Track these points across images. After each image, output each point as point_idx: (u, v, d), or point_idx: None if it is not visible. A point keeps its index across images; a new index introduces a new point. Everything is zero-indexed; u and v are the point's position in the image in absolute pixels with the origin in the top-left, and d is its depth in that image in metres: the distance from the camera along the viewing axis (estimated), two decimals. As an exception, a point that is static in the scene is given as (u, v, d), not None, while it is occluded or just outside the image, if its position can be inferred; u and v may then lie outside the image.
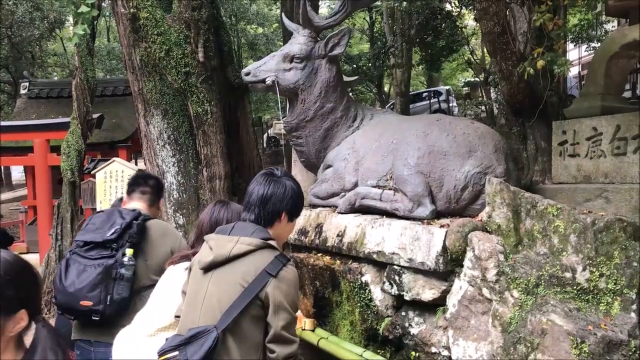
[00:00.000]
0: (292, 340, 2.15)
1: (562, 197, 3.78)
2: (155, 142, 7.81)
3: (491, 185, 3.27)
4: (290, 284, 2.20)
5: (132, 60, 7.75)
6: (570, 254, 2.97)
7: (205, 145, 7.58)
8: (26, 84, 12.87)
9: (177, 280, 2.55)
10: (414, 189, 3.69)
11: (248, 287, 2.16)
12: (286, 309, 2.15)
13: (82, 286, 2.83)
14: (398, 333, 3.62)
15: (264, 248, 2.23)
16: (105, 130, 11.41)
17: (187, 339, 2.12)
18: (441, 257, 3.30)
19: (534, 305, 2.93)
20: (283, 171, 2.49)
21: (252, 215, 2.35)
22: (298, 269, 4.41)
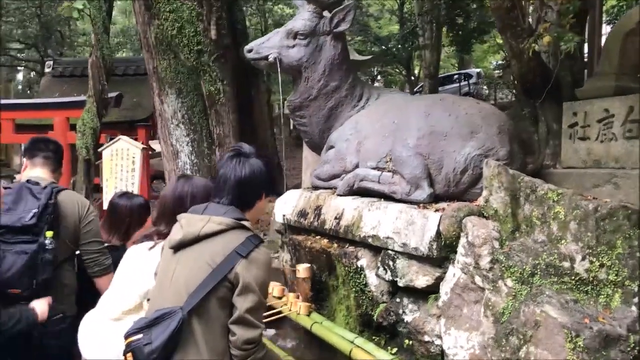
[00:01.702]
0: (256, 324, 2.06)
1: (570, 183, 3.58)
2: (170, 121, 7.78)
3: (489, 168, 3.10)
4: (261, 266, 2.10)
5: (147, 39, 7.71)
6: (570, 242, 2.79)
7: (218, 125, 7.53)
8: (50, 63, 13.00)
9: (139, 260, 2.48)
10: (412, 171, 3.54)
11: (216, 267, 2.07)
12: (254, 291, 2.06)
13: (9, 276, 2.72)
14: (392, 320, 3.50)
15: (235, 228, 2.15)
16: (126, 109, 11.44)
17: (151, 321, 2.06)
18: (435, 243, 3.15)
19: (529, 295, 2.77)
20: (249, 148, 2.38)
21: (226, 200, 2.24)
22: (296, 251, 4.33)
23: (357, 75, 4.78)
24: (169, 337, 2.00)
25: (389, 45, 20.48)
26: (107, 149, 6.38)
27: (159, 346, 1.99)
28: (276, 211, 4.74)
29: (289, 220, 4.49)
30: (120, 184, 6.01)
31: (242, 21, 8.43)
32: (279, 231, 4.86)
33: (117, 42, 21.92)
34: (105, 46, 8.15)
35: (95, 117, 8.03)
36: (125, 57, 16.63)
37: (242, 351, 2.03)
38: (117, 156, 6.21)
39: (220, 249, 2.10)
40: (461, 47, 18.08)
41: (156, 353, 2.00)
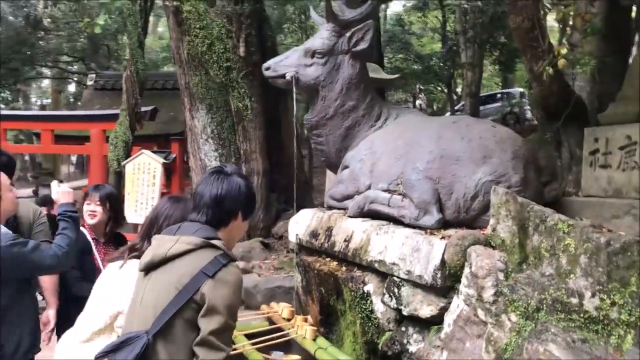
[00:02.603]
0: (220, 347, 1.94)
1: (589, 212, 3.39)
2: (199, 135, 7.86)
3: (496, 195, 2.96)
4: (228, 287, 2.00)
5: (180, 54, 7.83)
6: (579, 277, 2.62)
7: (245, 141, 7.56)
8: (93, 76, 13.38)
9: (110, 280, 2.46)
10: (420, 195, 3.42)
11: (183, 289, 2.00)
12: (219, 313, 1.95)
13: None
14: (397, 350, 3.36)
15: (204, 247, 2.07)
16: (163, 122, 11.65)
17: (117, 345, 2.01)
18: (439, 272, 3.02)
19: (533, 332, 2.61)
20: (233, 168, 2.33)
21: (203, 217, 2.18)
22: (306, 272, 4.25)
23: (376, 95, 4.70)
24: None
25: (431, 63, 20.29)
26: (129, 162, 6.46)
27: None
28: (290, 231, 4.68)
29: (301, 240, 4.43)
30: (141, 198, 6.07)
31: (271, 38, 8.47)
32: (293, 250, 4.80)
33: (163, 56, 22.45)
34: (140, 61, 8.32)
35: (128, 130, 8.18)
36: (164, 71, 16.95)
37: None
38: (139, 170, 6.28)
39: (189, 270, 2.03)
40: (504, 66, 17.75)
41: None
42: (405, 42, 20.91)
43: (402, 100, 26.16)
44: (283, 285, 5.62)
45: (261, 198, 7.56)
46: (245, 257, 7.06)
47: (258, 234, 7.58)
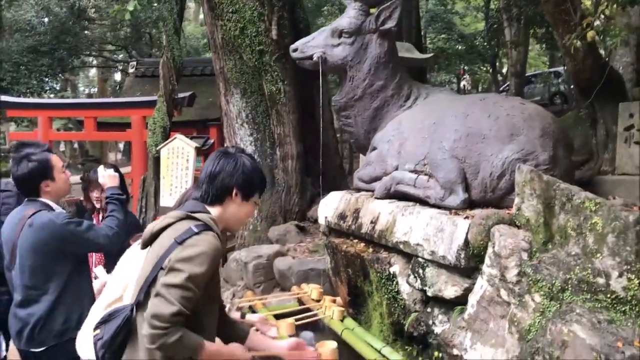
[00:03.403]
0: (170, 301, 1.91)
1: (622, 191, 3.27)
2: (234, 120, 7.91)
3: (521, 174, 2.88)
4: (193, 252, 1.99)
5: (214, 39, 7.87)
6: (606, 256, 2.54)
7: (279, 125, 7.56)
8: (134, 63, 13.61)
9: (129, 257, 2.54)
10: (446, 175, 3.36)
11: (159, 259, 2.04)
12: (178, 271, 1.95)
13: None
14: (422, 330, 3.34)
15: (184, 219, 2.11)
16: (202, 108, 11.77)
17: (107, 317, 2.11)
18: (463, 252, 2.97)
19: (557, 312, 2.54)
20: (239, 149, 2.35)
21: (198, 193, 2.24)
22: (334, 254, 4.25)
23: (405, 74, 4.63)
24: (112, 333, 2.02)
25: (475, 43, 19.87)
26: (164, 147, 6.58)
27: (106, 341, 2.03)
28: (319, 213, 4.68)
29: (330, 222, 4.42)
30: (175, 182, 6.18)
31: (304, 20, 8.38)
32: (323, 233, 4.80)
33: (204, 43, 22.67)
34: (176, 47, 8.40)
35: (165, 116, 8.29)
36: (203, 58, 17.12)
37: (149, 326, 1.90)
38: (173, 154, 6.38)
39: (165, 241, 2.07)
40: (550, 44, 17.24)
41: (105, 347, 2.04)
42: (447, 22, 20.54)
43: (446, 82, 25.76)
44: (316, 268, 5.62)
45: (295, 182, 7.57)
46: (280, 240, 7.10)
47: (293, 218, 7.60)
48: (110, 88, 26.79)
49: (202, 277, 1.98)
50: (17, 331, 3.05)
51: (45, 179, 3.08)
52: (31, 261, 2.99)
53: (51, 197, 3.15)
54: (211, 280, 2.09)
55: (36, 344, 2.99)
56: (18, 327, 3.04)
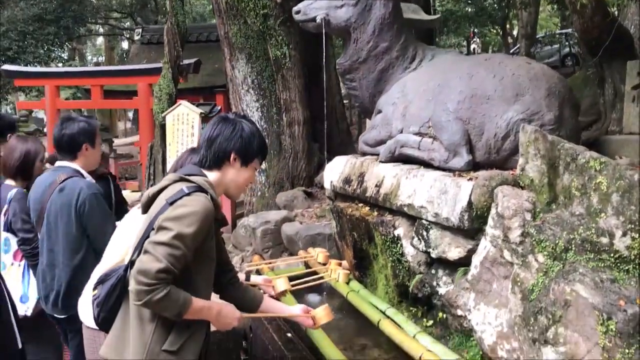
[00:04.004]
0: (156, 257, 1.89)
1: (629, 150, 3.23)
2: (240, 86, 7.86)
3: (525, 134, 2.84)
4: (182, 211, 1.97)
5: (218, 3, 7.78)
6: (610, 216, 2.52)
7: (285, 90, 7.50)
8: (139, 31, 13.51)
9: (129, 221, 2.56)
10: (450, 137, 3.33)
11: (151, 220, 2.05)
12: (166, 229, 1.94)
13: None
14: (427, 292, 3.37)
15: (177, 182, 2.11)
16: (208, 75, 11.72)
17: (103, 277, 2.14)
18: (466, 213, 2.96)
19: (560, 272, 2.54)
20: (239, 114, 2.33)
21: (197, 158, 2.23)
22: (340, 218, 4.25)
23: (411, 36, 4.55)
24: (106, 292, 2.06)
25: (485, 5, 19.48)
26: (169, 114, 6.56)
27: (101, 300, 2.08)
28: (324, 178, 4.68)
29: (335, 187, 4.42)
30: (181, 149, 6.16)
31: (309, -17, 8.26)
32: (329, 197, 4.81)
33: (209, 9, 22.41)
34: (180, 12, 8.30)
35: (171, 82, 8.25)
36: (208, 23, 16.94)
37: (136, 284, 1.88)
38: (178, 121, 6.36)
39: (159, 203, 2.07)
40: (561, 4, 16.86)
41: (100, 306, 2.08)
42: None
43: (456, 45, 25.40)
44: (323, 232, 5.65)
45: (302, 148, 7.56)
46: (288, 206, 7.13)
47: (301, 184, 7.61)
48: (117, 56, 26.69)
49: (191, 237, 1.96)
50: (44, 295, 3.13)
51: (88, 142, 3.15)
52: (57, 226, 3.03)
53: (83, 165, 3.19)
54: (205, 241, 2.08)
55: (59, 311, 3.05)
56: (45, 292, 3.12)
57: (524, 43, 17.59)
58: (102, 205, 3.08)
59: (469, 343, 3.04)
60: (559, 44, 20.60)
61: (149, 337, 2.03)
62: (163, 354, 2.03)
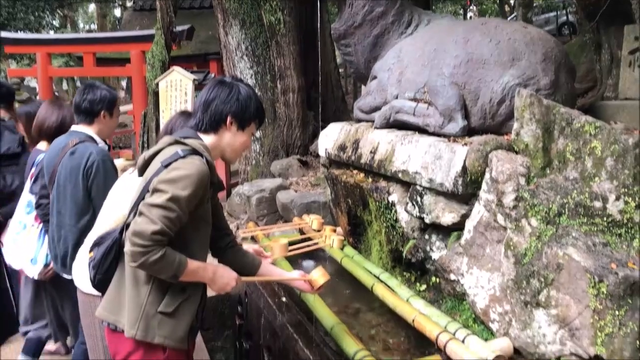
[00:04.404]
0: (151, 219, 1.90)
1: (625, 116, 3.22)
2: (234, 53, 7.77)
3: (520, 98, 2.83)
4: (176, 174, 1.97)
5: (212, -32, 7.66)
6: (604, 180, 2.52)
7: (279, 57, 7.42)
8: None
9: (121, 186, 2.55)
10: (445, 102, 3.31)
11: (146, 183, 2.06)
12: (161, 192, 1.94)
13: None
14: (420, 257, 3.39)
15: (172, 144, 2.10)
16: (200, 42, 11.59)
17: (99, 240, 2.16)
18: (460, 179, 2.96)
19: (553, 236, 2.55)
20: (236, 78, 2.31)
21: (193, 121, 2.21)
22: (334, 185, 4.26)
23: (406, 1, 4.49)
24: (102, 254, 2.08)
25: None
26: (162, 80, 6.49)
27: (97, 262, 2.10)
28: (319, 145, 4.67)
29: (330, 154, 4.41)
30: (175, 116, 6.13)
31: (305, -54, 8.11)
32: (324, 165, 4.80)
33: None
34: (172, -23, 8.17)
35: (164, 49, 8.15)
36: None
37: (131, 245, 1.89)
38: (171, 87, 6.31)
39: (154, 166, 2.08)
40: (560, -32, 16.65)
41: (96, 268, 2.11)
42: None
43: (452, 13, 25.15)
44: (318, 201, 5.65)
45: (297, 115, 7.51)
46: (282, 174, 7.13)
47: (295, 152, 7.59)
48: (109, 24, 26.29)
49: (186, 199, 1.96)
50: (54, 256, 3.26)
51: (106, 110, 3.26)
52: (66, 189, 3.11)
53: (98, 131, 3.28)
54: (200, 204, 2.08)
55: (67, 271, 3.12)
56: (54, 253, 3.25)
57: (520, 11, 17.43)
58: (110, 171, 3.13)
59: (461, 307, 3.08)
60: (556, 12, 20.43)
61: (144, 299, 2.04)
62: (159, 315, 2.05)
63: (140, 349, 2.09)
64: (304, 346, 2.67)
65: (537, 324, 2.55)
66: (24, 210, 3.57)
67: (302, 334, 2.80)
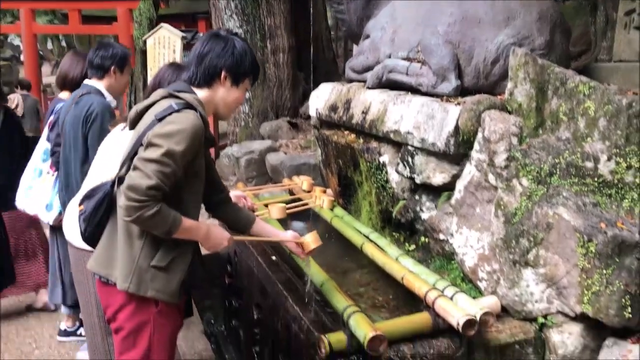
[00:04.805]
0: (146, 174, 1.89)
1: (618, 78, 3.20)
2: (223, 11, 7.64)
3: (515, 57, 2.80)
4: (171, 128, 1.95)
5: None
6: (596, 140, 2.52)
7: (269, 16, 7.31)
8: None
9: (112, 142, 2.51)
10: (439, 61, 3.27)
11: (139, 136, 2.04)
12: (156, 146, 1.93)
13: None
14: (410, 217, 3.39)
15: (166, 97, 2.07)
16: (189, 0, 11.36)
17: (89, 193, 2.15)
18: (452, 138, 2.94)
19: (544, 196, 2.56)
20: (231, 31, 2.26)
21: (187, 75, 2.17)
22: (325, 146, 4.23)
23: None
24: (93, 207, 2.07)
25: None
26: (150, 37, 6.37)
27: (88, 215, 2.09)
28: (310, 105, 4.62)
29: (321, 114, 4.36)
30: (164, 74, 6.04)
31: None
32: (314, 126, 4.76)
33: None
34: None
35: (152, 7, 8.01)
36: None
37: (126, 200, 1.89)
38: (159, 45, 6.19)
39: (147, 119, 2.05)
40: None
41: (87, 221, 2.10)
42: None
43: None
44: (308, 163, 5.65)
45: (287, 76, 7.43)
46: (272, 136, 7.09)
47: (285, 114, 7.54)
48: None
49: (181, 154, 1.95)
50: (62, 202, 3.41)
51: (117, 66, 3.40)
52: (70, 137, 3.28)
53: (107, 86, 3.42)
54: (194, 159, 2.06)
55: None
56: (62, 200, 3.40)
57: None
58: (107, 123, 3.17)
59: (449, 266, 3.10)
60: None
61: (137, 253, 2.05)
62: (152, 269, 2.06)
63: (133, 302, 2.10)
64: (294, 303, 2.68)
65: (525, 282, 2.58)
66: (40, 158, 3.70)
67: (291, 291, 2.81)
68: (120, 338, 2.16)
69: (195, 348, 4.17)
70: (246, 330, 3.45)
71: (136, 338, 2.14)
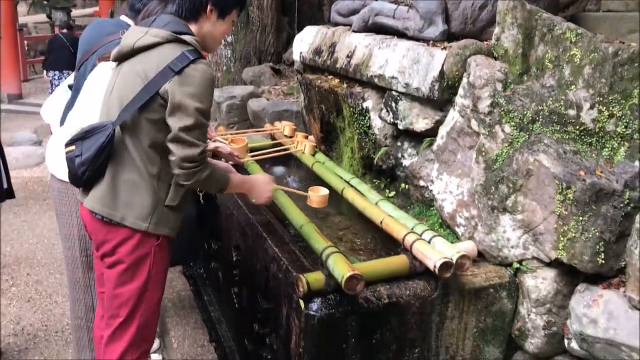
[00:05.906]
0: (193, 143, 1.99)
1: (606, 27, 3.17)
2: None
3: (503, 1, 2.75)
4: (196, 84, 1.97)
5: None
6: (580, 88, 2.51)
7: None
8: None
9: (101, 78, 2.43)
10: (426, 4, 3.20)
11: (149, 82, 1.98)
12: (187, 110, 1.96)
13: None
14: (391, 164, 3.39)
15: (172, 42, 2.01)
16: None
17: (82, 134, 2.06)
18: (437, 83, 2.91)
19: (526, 143, 2.56)
20: None
21: (174, 7, 2.11)
22: (308, 91, 4.17)
23: None
24: (96, 150, 2.01)
25: None
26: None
27: (87, 158, 2.02)
28: (294, 49, 4.53)
29: (305, 58, 4.29)
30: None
31: None
32: (298, 71, 4.69)
33: None
34: None
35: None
36: None
37: (181, 169, 2.02)
38: None
39: (154, 63, 2.00)
40: None
41: (86, 165, 2.04)
42: None
43: None
44: (290, 109, 5.58)
45: (271, 21, 7.26)
46: (254, 81, 6.98)
47: (268, 59, 7.41)
48: None
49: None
50: None
51: None
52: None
53: None
54: None
55: None
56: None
57: None
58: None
59: (428, 212, 3.12)
60: None
61: (156, 195, 2.13)
62: (166, 209, 2.17)
63: (136, 235, 2.13)
64: (273, 244, 2.68)
65: (502, 228, 2.61)
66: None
67: (271, 232, 2.81)
68: (118, 272, 2.16)
69: (173, 288, 4.21)
70: (225, 272, 3.46)
71: (135, 271, 2.17)
